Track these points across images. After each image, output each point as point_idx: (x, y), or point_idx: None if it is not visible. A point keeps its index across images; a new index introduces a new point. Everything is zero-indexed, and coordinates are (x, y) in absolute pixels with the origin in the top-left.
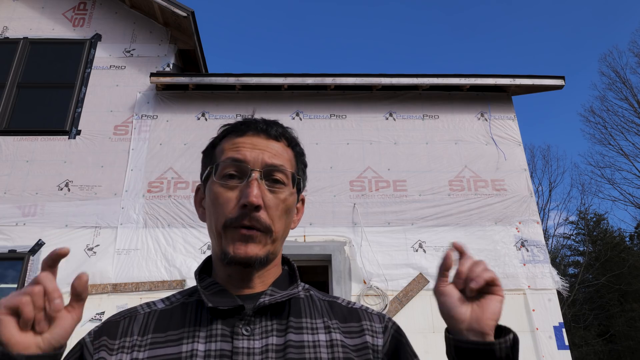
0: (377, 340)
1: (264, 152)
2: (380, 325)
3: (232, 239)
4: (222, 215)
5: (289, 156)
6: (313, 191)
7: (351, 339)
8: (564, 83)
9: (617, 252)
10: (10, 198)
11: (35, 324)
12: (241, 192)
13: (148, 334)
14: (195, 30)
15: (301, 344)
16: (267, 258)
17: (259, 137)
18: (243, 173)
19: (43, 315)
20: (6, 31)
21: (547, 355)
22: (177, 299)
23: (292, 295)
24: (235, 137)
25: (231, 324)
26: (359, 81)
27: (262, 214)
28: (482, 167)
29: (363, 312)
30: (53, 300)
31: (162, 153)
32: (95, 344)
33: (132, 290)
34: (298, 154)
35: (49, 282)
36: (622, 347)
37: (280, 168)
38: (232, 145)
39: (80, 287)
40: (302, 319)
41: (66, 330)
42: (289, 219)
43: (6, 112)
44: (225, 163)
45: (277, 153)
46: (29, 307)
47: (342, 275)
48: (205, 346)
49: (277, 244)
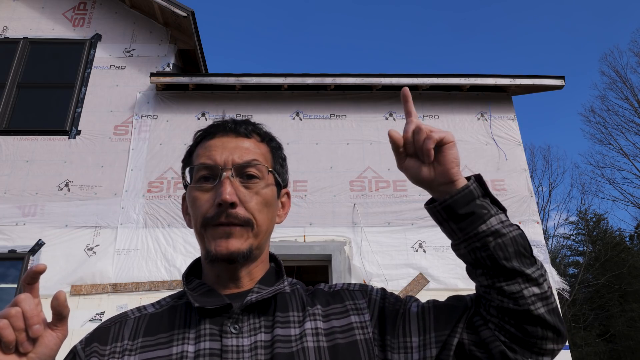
0: (364, 317)
1: (234, 151)
2: (364, 301)
3: (213, 236)
4: (200, 215)
5: (262, 151)
6: (313, 191)
7: (337, 320)
8: (564, 83)
9: (617, 252)
10: (10, 198)
11: (18, 345)
12: (216, 192)
13: (138, 337)
14: (195, 30)
15: (288, 338)
16: (250, 251)
17: (229, 136)
18: (215, 174)
19: (25, 336)
20: (6, 31)
21: None
22: (167, 302)
23: (278, 290)
24: (207, 141)
25: (219, 322)
26: (359, 81)
27: (239, 209)
28: (482, 167)
29: (345, 292)
30: (32, 326)
31: (162, 153)
32: (86, 351)
33: (132, 290)
34: (273, 149)
35: (28, 304)
36: (622, 347)
37: (252, 163)
38: (204, 150)
39: (59, 306)
40: (289, 312)
41: (52, 349)
42: (271, 212)
43: (6, 112)
44: (198, 167)
45: (249, 149)
46: (7, 331)
47: (342, 275)
48: (195, 347)
49: (260, 237)
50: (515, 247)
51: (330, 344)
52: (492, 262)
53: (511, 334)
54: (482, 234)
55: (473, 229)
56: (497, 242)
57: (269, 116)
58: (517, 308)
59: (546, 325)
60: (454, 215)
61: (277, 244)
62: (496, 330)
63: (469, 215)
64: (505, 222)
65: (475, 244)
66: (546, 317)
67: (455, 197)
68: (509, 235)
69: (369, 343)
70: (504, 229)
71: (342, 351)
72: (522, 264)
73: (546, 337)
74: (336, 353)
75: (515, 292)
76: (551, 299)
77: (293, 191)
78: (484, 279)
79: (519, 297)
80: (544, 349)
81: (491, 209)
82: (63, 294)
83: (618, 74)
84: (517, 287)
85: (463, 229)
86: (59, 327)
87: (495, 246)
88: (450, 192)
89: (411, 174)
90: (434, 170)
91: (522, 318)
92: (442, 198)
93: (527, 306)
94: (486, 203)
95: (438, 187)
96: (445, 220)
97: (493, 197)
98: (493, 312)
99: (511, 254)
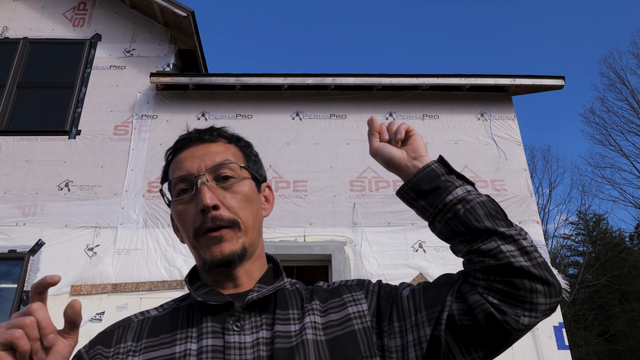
0: (362, 306)
1: (204, 157)
2: (361, 292)
3: (206, 245)
4: (189, 227)
5: (232, 151)
6: (313, 191)
7: (334, 314)
8: (564, 83)
9: (617, 252)
10: (10, 198)
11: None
12: (197, 201)
13: (142, 339)
14: (195, 30)
15: (288, 334)
16: (244, 250)
17: (196, 146)
18: (192, 184)
19: (39, 345)
20: (6, 31)
21: (547, 355)
22: (170, 305)
23: (278, 287)
24: (177, 155)
25: (221, 320)
26: (359, 81)
27: (222, 211)
28: (482, 167)
29: (343, 288)
30: (46, 335)
31: (162, 153)
32: (90, 354)
33: (132, 290)
34: (243, 147)
35: (42, 313)
36: (622, 347)
37: (224, 163)
38: (175, 165)
39: (74, 315)
40: (289, 310)
41: (65, 357)
42: (255, 207)
43: (6, 112)
44: (175, 182)
45: (218, 152)
46: (23, 341)
47: (342, 275)
48: (197, 344)
49: (250, 234)
50: (485, 210)
51: (328, 337)
52: (465, 227)
53: (500, 291)
54: (450, 204)
55: (440, 201)
56: (466, 208)
57: (269, 116)
58: (498, 263)
59: (532, 277)
60: (420, 192)
61: (277, 244)
62: (485, 292)
63: (434, 189)
64: (471, 191)
65: (447, 215)
66: (531, 269)
67: (418, 175)
68: (476, 200)
69: (367, 331)
70: (469, 196)
71: (340, 342)
72: (495, 224)
73: (536, 290)
74: (334, 345)
75: (493, 249)
76: (534, 254)
77: (293, 191)
78: (463, 247)
79: (497, 252)
80: (535, 303)
81: (456, 182)
82: (78, 303)
83: (618, 76)
84: (494, 244)
85: (431, 203)
86: (71, 335)
87: (465, 212)
88: (414, 172)
89: (383, 154)
90: (404, 151)
91: (505, 271)
92: (407, 179)
93: (507, 259)
94: (451, 178)
95: (408, 163)
96: (414, 199)
97: (459, 173)
98: (479, 275)
99: (481, 216)
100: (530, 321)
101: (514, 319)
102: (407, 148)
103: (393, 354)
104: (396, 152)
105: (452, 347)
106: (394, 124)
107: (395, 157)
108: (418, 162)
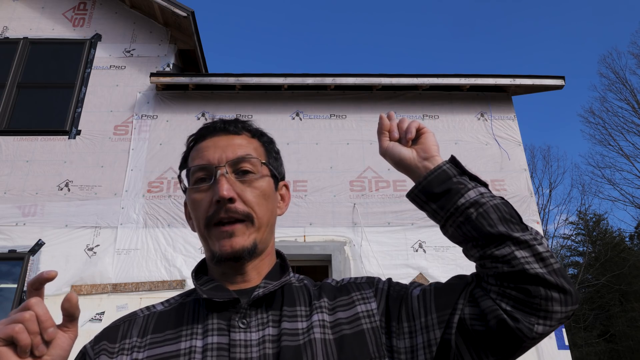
0: (371, 305)
1: (227, 148)
2: (370, 290)
3: (217, 237)
4: (201, 216)
5: (254, 146)
6: (313, 191)
7: (343, 312)
8: (564, 83)
9: (617, 252)
10: (10, 198)
11: (33, 348)
12: (213, 191)
13: (147, 335)
14: (195, 30)
15: (295, 331)
16: (255, 247)
17: (219, 136)
18: (211, 174)
19: (40, 339)
20: (6, 31)
21: (547, 355)
22: (176, 300)
23: (284, 282)
24: (199, 143)
25: (227, 317)
26: (359, 81)
27: (237, 204)
28: (482, 167)
29: (352, 285)
30: (46, 329)
31: (162, 153)
32: (95, 349)
33: (132, 290)
34: (265, 143)
35: (41, 307)
36: (623, 347)
37: (245, 157)
38: (197, 152)
39: (71, 308)
40: (296, 307)
41: (65, 350)
42: (271, 205)
43: (6, 112)
44: (194, 170)
45: (240, 145)
46: (24, 335)
47: (342, 275)
48: (203, 341)
49: (263, 231)
50: (499, 214)
51: (336, 335)
52: (478, 232)
53: (514, 298)
54: (462, 207)
55: (452, 204)
56: (479, 212)
57: (269, 116)
58: (512, 269)
59: (548, 284)
60: (431, 195)
61: (277, 244)
62: (498, 298)
63: (446, 192)
64: (485, 194)
65: (459, 219)
66: (546, 276)
67: (429, 177)
68: (490, 204)
69: (376, 331)
70: (482, 199)
71: (348, 342)
72: (509, 229)
73: (551, 298)
74: (342, 344)
75: (506, 255)
76: (550, 260)
77: (293, 191)
78: (476, 252)
79: (511, 258)
80: (551, 311)
81: (468, 184)
82: (75, 296)
83: (617, 76)
84: (508, 249)
85: (443, 206)
86: (70, 328)
87: (478, 216)
88: (425, 174)
89: (393, 154)
90: (415, 150)
91: (520, 278)
92: (417, 181)
93: (521, 266)
94: (464, 180)
95: (418, 164)
96: (425, 202)
97: (472, 174)
98: (492, 280)
99: (495, 221)
100: (545, 329)
101: (527, 326)
102: (418, 147)
103: (402, 355)
104: (406, 152)
105: (462, 351)
106: (405, 121)
107: (405, 158)
108: (429, 162)
